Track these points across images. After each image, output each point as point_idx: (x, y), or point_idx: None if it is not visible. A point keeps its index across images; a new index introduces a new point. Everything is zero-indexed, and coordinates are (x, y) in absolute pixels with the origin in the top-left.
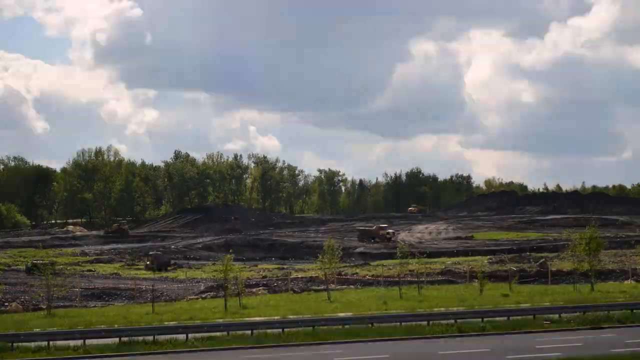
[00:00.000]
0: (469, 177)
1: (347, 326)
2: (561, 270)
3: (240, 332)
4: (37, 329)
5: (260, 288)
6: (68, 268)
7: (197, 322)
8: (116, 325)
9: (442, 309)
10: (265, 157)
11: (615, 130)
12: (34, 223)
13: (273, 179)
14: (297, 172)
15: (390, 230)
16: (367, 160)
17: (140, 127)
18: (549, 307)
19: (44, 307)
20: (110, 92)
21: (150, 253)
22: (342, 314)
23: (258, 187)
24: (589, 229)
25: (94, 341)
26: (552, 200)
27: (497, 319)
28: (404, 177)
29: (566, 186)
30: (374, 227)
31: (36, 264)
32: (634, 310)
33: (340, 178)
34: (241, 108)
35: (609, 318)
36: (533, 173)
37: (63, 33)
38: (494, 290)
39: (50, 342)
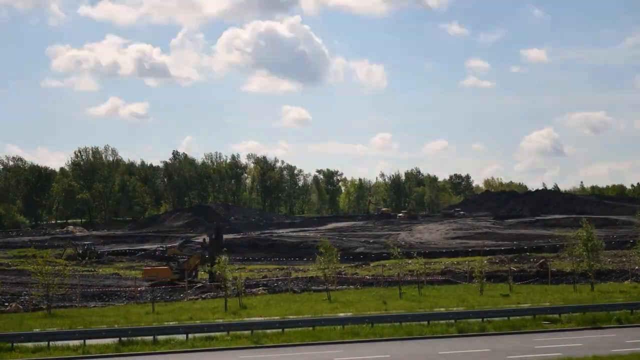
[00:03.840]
0: (468, 177)
1: (347, 326)
2: (561, 270)
3: (240, 332)
4: (37, 329)
5: (260, 288)
6: (67, 268)
7: (197, 322)
8: (116, 325)
9: (442, 309)
10: (264, 157)
11: None
12: (33, 223)
13: (272, 178)
14: (296, 172)
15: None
16: None
17: None
18: (549, 307)
19: (44, 307)
20: None
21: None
22: (342, 314)
23: (257, 187)
24: (584, 228)
25: (94, 341)
26: (552, 200)
27: (497, 319)
28: (402, 177)
29: (566, 186)
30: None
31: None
32: (634, 310)
33: (339, 178)
34: None
35: (609, 318)
36: None
37: None
38: (494, 290)
39: (50, 342)
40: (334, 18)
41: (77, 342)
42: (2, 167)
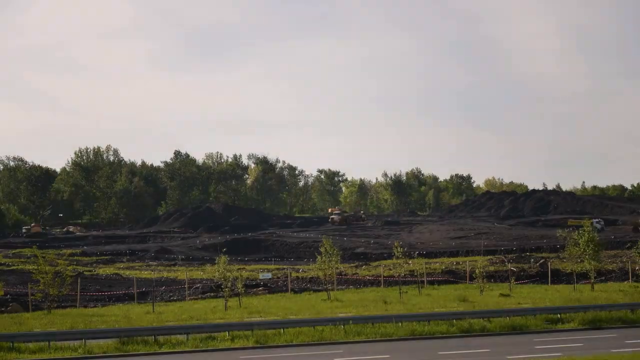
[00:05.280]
0: (469, 177)
1: (347, 326)
2: (561, 270)
3: (240, 332)
4: (37, 329)
5: (260, 288)
6: (68, 268)
7: (197, 322)
8: (116, 325)
9: (442, 309)
10: (265, 157)
11: None
12: (33, 223)
13: (273, 179)
14: (297, 172)
15: None
16: None
17: None
18: (549, 307)
19: (44, 307)
20: None
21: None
22: (342, 314)
23: (258, 187)
24: (585, 228)
25: (94, 341)
26: (553, 200)
27: (497, 319)
28: (404, 177)
29: (566, 186)
30: None
31: None
32: (634, 310)
33: (340, 178)
34: None
35: (609, 318)
36: None
37: None
38: (494, 290)
39: (50, 342)
40: None
41: (77, 342)
42: (2, 167)
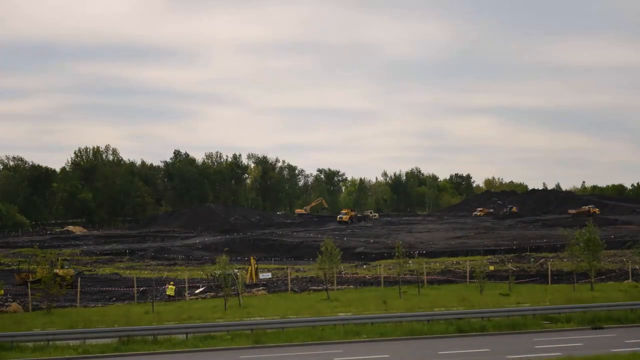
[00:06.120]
0: (468, 177)
1: (347, 326)
2: (561, 270)
3: (240, 332)
4: (37, 329)
5: (260, 288)
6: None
7: (197, 322)
8: (116, 325)
9: (442, 309)
10: (264, 157)
11: None
12: (33, 223)
13: (273, 178)
14: (297, 171)
15: None
16: None
17: None
18: (549, 307)
19: (44, 307)
20: None
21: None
22: (342, 314)
23: (257, 187)
24: (588, 228)
25: (94, 341)
26: (553, 199)
27: (497, 319)
28: (403, 177)
29: (566, 186)
30: None
31: None
32: (634, 310)
33: (340, 178)
34: None
35: (609, 318)
36: None
37: None
38: (494, 290)
39: (50, 342)
40: None
41: (77, 342)
42: (2, 167)
